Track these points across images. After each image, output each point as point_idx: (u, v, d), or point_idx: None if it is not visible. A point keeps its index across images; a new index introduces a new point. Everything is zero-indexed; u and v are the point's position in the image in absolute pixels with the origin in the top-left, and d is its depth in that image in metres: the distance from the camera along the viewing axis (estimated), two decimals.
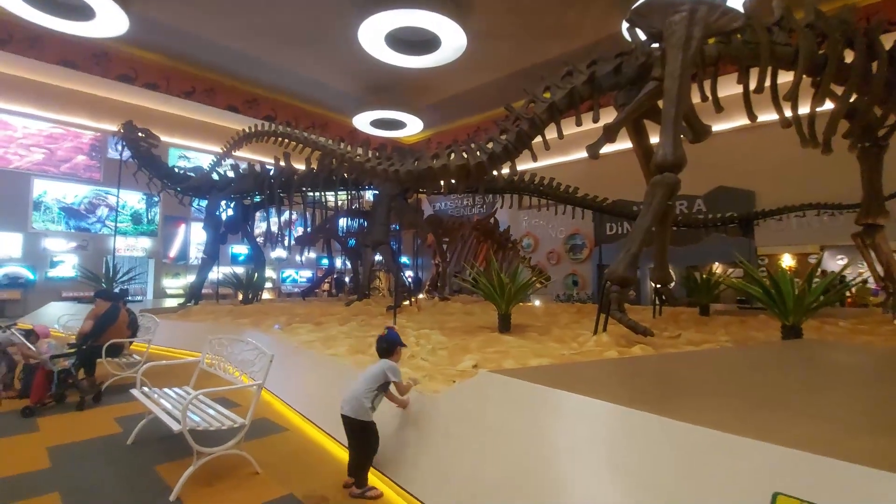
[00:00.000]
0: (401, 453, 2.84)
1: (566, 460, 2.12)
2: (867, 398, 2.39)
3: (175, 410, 2.90)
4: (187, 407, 2.73)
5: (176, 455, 3.23)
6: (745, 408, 2.14)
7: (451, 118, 19.00)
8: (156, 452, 3.38)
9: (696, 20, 5.23)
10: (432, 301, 12.05)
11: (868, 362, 3.43)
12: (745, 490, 1.55)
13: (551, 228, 18.06)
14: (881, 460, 1.41)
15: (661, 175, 4.96)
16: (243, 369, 3.38)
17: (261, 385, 3.01)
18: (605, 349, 4.48)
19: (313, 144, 7.18)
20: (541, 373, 3.03)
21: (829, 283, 4.65)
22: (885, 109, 6.16)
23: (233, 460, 3.03)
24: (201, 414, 2.97)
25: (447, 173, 6.02)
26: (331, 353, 4.45)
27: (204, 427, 2.79)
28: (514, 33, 12.94)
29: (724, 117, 6.07)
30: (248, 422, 2.89)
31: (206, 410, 3.05)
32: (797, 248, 12.66)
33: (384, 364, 2.91)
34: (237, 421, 2.89)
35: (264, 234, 11.74)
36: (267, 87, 17.23)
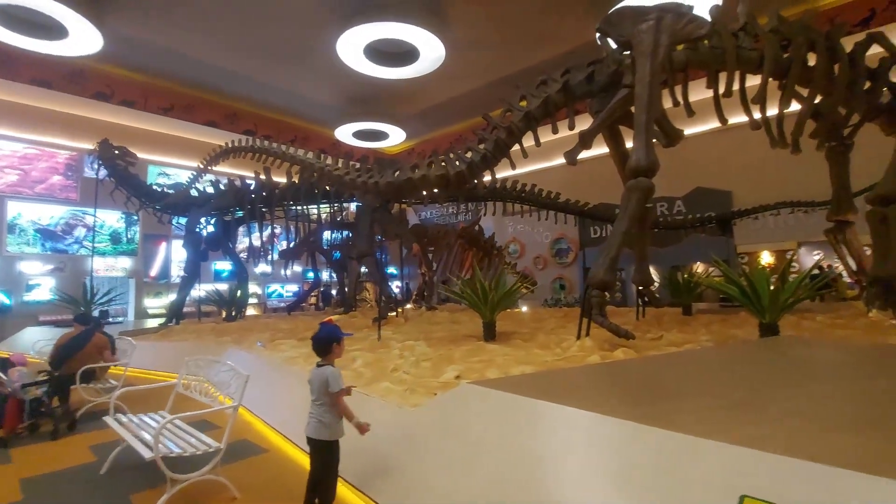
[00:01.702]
0: (379, 469, 2.80)
1: (547, 469, 2.11)
2: (837, 395, 2.43)
3: (148, 437, 2.83)
4: (159, 433, 2.67)
5: (151, 483, 3.14)
6: (718, 409, 2.17)
7: (433, 127, 19.10)
8: (131, 481, 3.29)
9: (663, 28, 5.36)
10: (419, 311, 12.01)
11: (841, 358, 3.50)
12: (714, 493, 1.56)
13: (537, 234, 18.19)
14: (845, 459, 1.43)
15: (636, 180, 5.04)
16: (221, 390, 3.32)
17: (236, 407, 2.95)
18: (588, 354, 4.51)
19: (291, 159, 7.15)
20: (522, 382, 3.04)
21: (801, 279, 4.75)
22: (848, 109, 6.36)
23: (210, 486, 2.96)
24: (175, 439, 2.91)
25: (427, 184, 6.04)
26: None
27: (178, 453, 2.73)
28: (491, 43, 13.10)
29: (699, 121, 6.19)
30: (224, 445, 2.83)
31: (180, 435, 2.99)
32: (775, 245, 12.94)
33: (320, 373, 2.65)
34: (212, 445, 2.83)
35: (247, 250, 11.61)
36: (247, 101, 17.16)
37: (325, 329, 2.76)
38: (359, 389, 3.44)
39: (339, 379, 2.65)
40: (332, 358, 2.76)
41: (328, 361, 2.74)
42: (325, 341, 2.73)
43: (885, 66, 6.29)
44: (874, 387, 2.63)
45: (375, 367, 4.25)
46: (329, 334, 2.74)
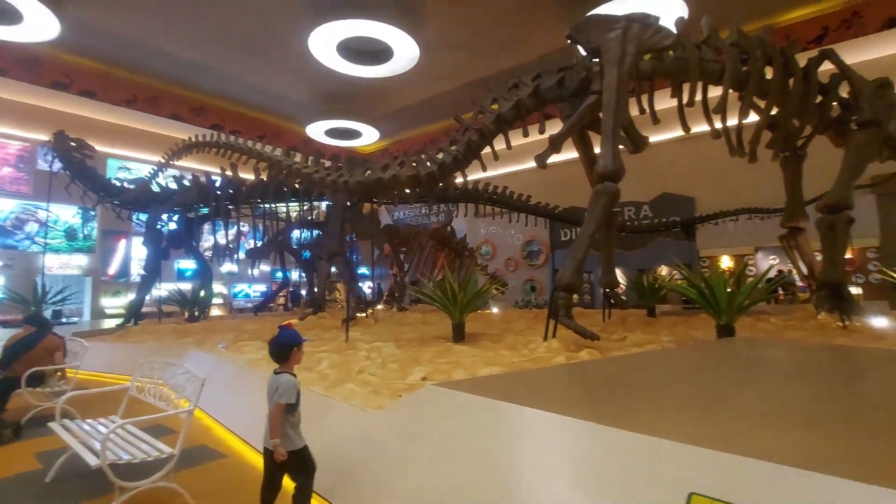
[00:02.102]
0: (340, 473, 2.76)
1: (508, 470, 2.13)
2: (784, 394, 2.55)
3: (95, 443, 2.70)
4: (107, 438, 2.55)
5: (100, 491, 2.99)
6: (674, 408, 2.24)
7: (407, 127, 19.04)
8: (78, 489, 3.13)
9: (629, 37, 5.50)
10: (390, 312, 11.93)
11: (790, 358, 3.67)
12: (665, 491, 1.60)
13: (508, 236, 18.37)
14: (789, 456, 1.49)
15: (603, 184, 5.15)
16: (178, 394, 3.20)
17: (191, 411, 2.85)
18: (555, 355, 4.58)
19: (258, 156, 6.98)
20: (486, 383, 3.05)
21: (754, 285, 4.96)
22: (802, 121, 6.69)
23: (162, 493, 2.85)
24: (125, 445, 2.78)
25: (398, 184, 6.01)
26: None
27: (126, 460, 2.61)
28: (465, 45, 13.16)
29: (666, 128, 6.40)
30: (178, 451, 2.72)
31: (131, 441, 2.86)
32: (734, 249, 13.49)
33: (276, 381, 2.46)
34: (165, 451, 2.72)
35: (212, 248, 11.25)
36: (214, 94, 16.67)
37: (283, 333, 2.57)
38: (322, 392, 3.38)
39: (290, 391, 2.43)
40: (290, 365, 2.57)
41: (286, 369, 2.56)
42: (283, 346, 2.55)
43: (835, 81, 6.65)
44: (819, 386, 2.77)
45: (341, 369, 4.19)
46: (288, 339, 2.56)
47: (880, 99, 6.43)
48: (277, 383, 2.45)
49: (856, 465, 1.42)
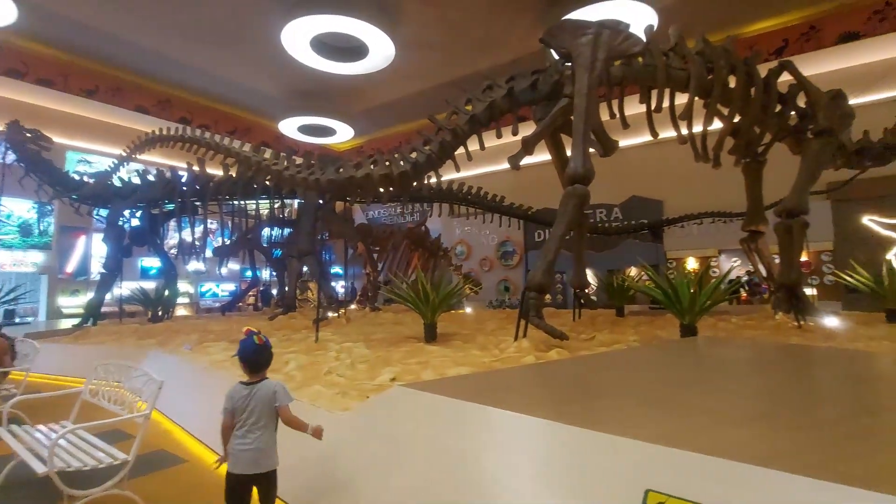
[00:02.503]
0: (305, 475, 2.71)
1: (472, 469, 2.13)
2: (740, 391, 2.64)
3: (43, 449, 2.57)
4: (55, 444, 2.42)
5: (50, 499, 2.84)
6: (635, 406, 2.29)
7: (382, 126, 18.90)
8: (25, 498, 2.97)
9: (600, 43, 5.61)
10: (363, 312, 11.82)
11: (747, 356, 3.82)
12: (623, 487, 1.63)
13: (483, 236, 18.47)
14: (741, 452, 1.54)
15: (573, 186, 5.24)
16: (136, 397, 3.07)
17: (147, 415, 2.74)
18: (524, 355, 4.62)
19: (226, 151, 6.79)
20: (454, 383, 3.05)
21: (715, 286, 5.14)
22: (762, 129, 6.97)
23: (115, 501, 2.73)
24: (76, 452, 2.65)
25: (371, 182, 5.95)
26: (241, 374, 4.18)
27: (76, 467, 2.49)
28: (442, 45, 13.16)
29: (636, 133, 6.54)
30: (133, 457, 2.61)
31: (82, 447, 2.73)
32: (699, 251, 13.95)
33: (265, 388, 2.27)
34: (119, 457, 2.61)
35: (177, 246, 10.89)
36: (182, 87, 16.13)
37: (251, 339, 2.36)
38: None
39: (287, 388, 2.32)
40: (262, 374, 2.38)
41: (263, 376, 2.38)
42: (266, 352, 2.36)
43: (793, 92, 6.95)
44: (773, 383, 2.89)
45: (309, 370, 4.11)
46: (268, 344, 2.39)
47: (834, 109, 6.77)
48: (272, 388, 2.30)
49: (802, 460, 1.48)
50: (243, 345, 2.35)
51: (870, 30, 11.93)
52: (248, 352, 2.34)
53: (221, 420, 2.29)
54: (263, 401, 2.28)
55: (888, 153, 7.32)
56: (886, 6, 11.72)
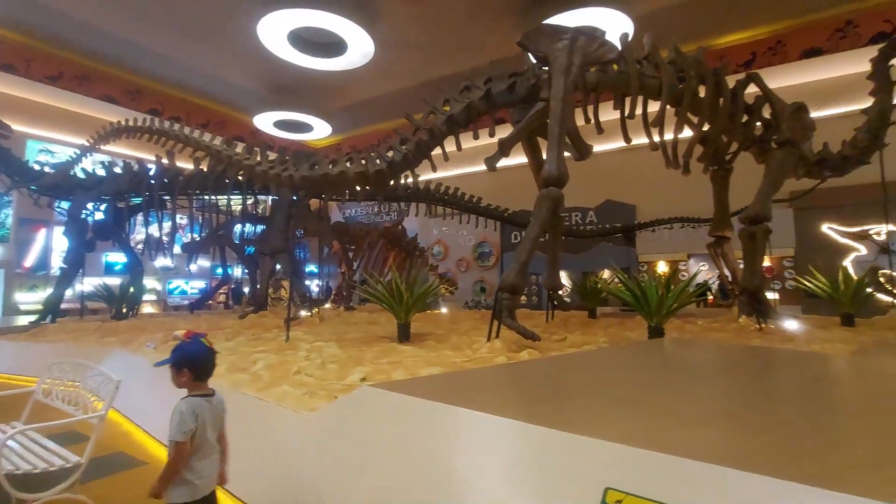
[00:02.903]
0: (270, 477, 2.66)
1: (439, 469, 2.12)
2: (703, 391, 2.72)
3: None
4: (3, 445, 2.30)
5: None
6: (601, 405, 2.32)
7: (361, 124, 18.72)
8: None
9: (576, 49, 5.70)
10: (337, 311, 11.67)
11: (710, 357, 3.94)
12: (584, 486, 1.65)
13: (461, 237, 18.52)
14: (700, 451, 1.58)
15: (547, 189, 5.30)
16: (94, 397, 2.95)
17: (103, 416, 2.64)
18: (496, 355, 4.64)
19: (196, 144, 6.60)
20: (424, 383, 3.04)
21: (681, 289, 5.29)
22: (729, 138, 7.20)
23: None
24: (24, 454, 2.53)
25: (346, 180, 5.88)
26: None
27: (26, 469, 2.37)
28: (422, 44, 13.13)
29: (611, 139, 6.67)
30: (86, 459, 2.51)
31: (33, 449, 2.60)
32: (670, 255, 14.33)
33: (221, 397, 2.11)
34: (71, 459, 2.50)
35: (145, 241, 10.54)
36: (153, 77, 15.60)
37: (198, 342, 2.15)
38: (253, 394, 3.24)
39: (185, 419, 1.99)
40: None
41: None
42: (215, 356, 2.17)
43: (759, 103, 7.21)
44: (734, 383, 2.98)
45: (277, 370, 4.03)
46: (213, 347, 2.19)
47: (797, 121, 7.04)
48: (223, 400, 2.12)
49: (758, 458, 1.53)
50: (192, 349, 2.09)
51: (832, 46, 12.49)
52: (201, 357, 2.11)
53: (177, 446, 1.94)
54: (221, 415, 2.13)
55: (846, 164, 7.67)
56: (847, 24, 12.29)
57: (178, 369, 2.07)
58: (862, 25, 12.19)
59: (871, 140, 7.70)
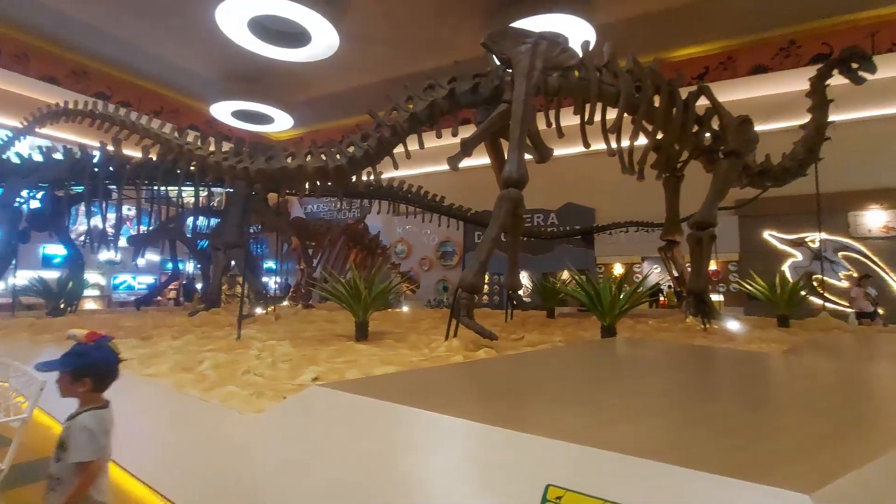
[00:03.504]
0: (211, 482, 2.55)
1: (385, 469, 2.10)
2: (645, 388, 2.82)
3: None
4: None
5: None
6: (549, 403, 2.37)
7: (324, 118, 18.32)
8: None
9: (538, 53, 5.80)
10: (295, 309, 11.39)
11: (657, 356, 4.10)
12: (526, 483, 1.67)
13: (424, 235, 18.49)
14: (633, 445, 1.64)
15: (507, 190, 5.36)
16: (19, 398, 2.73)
17: (25, 419, 2.45)
18: (454, 354, 4.65)
19: (144, 132, 6.26)
20: (376, 383, 3.01)
21: (633, 291, 5.49)
22: (681, 147, 7.53)
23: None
24: None
25: (304, 175, 5.73)
26: (148, 374, 3.86)
27: None
28: (388, 41, 13.01)
29: (573, 143, 6.82)
30: (7, 465, 2.32)
31: None
32: (625, 258, 14.86)
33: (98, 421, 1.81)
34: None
35: (87, 233, 9.90)
36: (101, 58, 14.67)
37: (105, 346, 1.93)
38: (197, 395, 3.10)
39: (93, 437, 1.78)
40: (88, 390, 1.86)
41: None
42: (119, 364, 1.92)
43: (708, 115, 7.57)
44: (677, 380, 3.11)
45: (225, 370, 3.88)
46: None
47: (742, 133, 7.45)
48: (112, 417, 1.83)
49: (690, 452, 1.59)
50: (100, 356, 1.85)
51: (776, 64, 13.31)
52: (109, 366, 1.86)
53: (88, 467, 1.72)
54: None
55: (785, 175, 8.19)
56: (790, 44, 13.12)
57: (78, 377, 1.80)
58: (804, 46, 13.05)
59: (807, 153, 8.26)
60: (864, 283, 11.05)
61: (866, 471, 1.52)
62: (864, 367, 4.07)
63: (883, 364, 4.41)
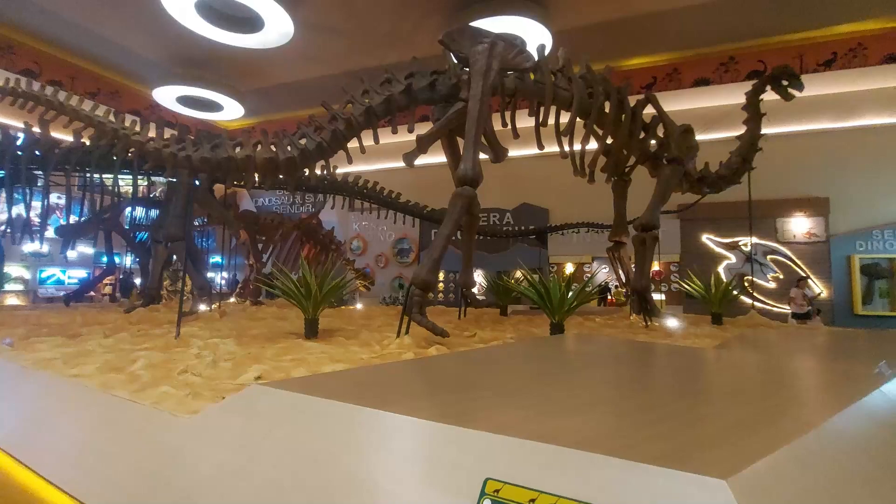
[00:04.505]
0: (136, 487, 2.40)
1: (325, 469, 2.05)
2: (585, 382, 2.91)
3: None
4: None
5: None
6: (492, 397, 2.39)
7: (277, 108, 17.73)
8: None
9: (495, 53, 5.86)
10: (243, 305, 10.95)
11: (600, 351, 4.26)
12: (464, 477, 1.68)
13: (380, 232, 18.31)
14: (567, 436, 1.69)
15: (462, 188, 5.40)
16: None
17: None
18: (405, 351, 4.63)
19: (73, 113, 5.79)
20: (321, 381, 2.93)
21: (581, 289, 5.69)
22: (628, 152, 7.87)
23: None
24: None
25: (251, 166, 5.51)
26: (73, 374, 3.58)
27: None
28: (346, 32, 12.75)
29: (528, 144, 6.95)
30: None
31: None
32: (576, 258, 15.38)
33: None
34: None
35: (7, 222, 9.07)
36: (29, 32, 13.48)
37: None
38: (126, 396, 2.91)
39: None
40: None
41: None
42: None
43: (654, 123, 7.96)
44: (615, 374, 3.24)
45: (160, 370, 3.66)
46: None
47: (684, 141, 7.88)
48: None
49: (618, 441, 1.66)
50: None
51: (717, 78, 14.18)
52: None
53: None
54: None
55: (721, 182, 8.75)
56: (730, 60, 14.02)
57: None
58: (741, 62, 13.99)
59: (741, 163, 8.86)
60: (802, 284, 11.96)
61: (779, 455, 1.64)
62: (785, 360, 4.41)
63: (801, 357, 4.81)
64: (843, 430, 2.08)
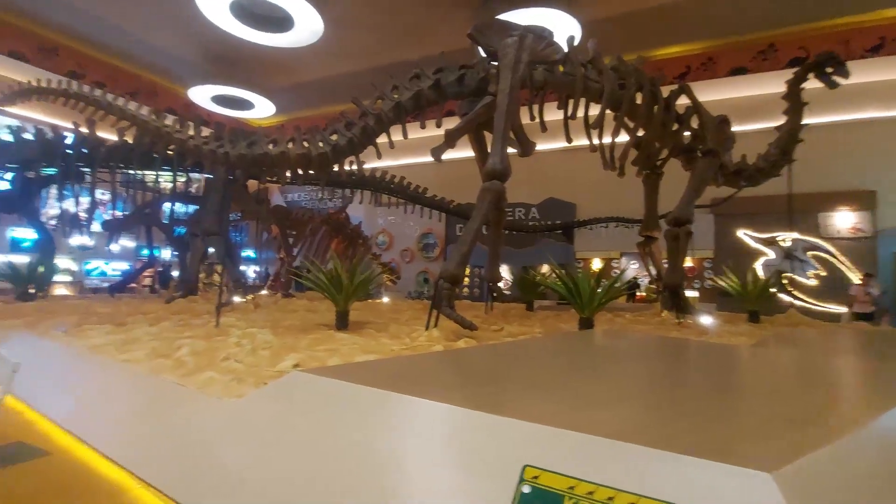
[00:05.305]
0: (190, 467, 2.55)
1: (365, 454, 2.13)
2: (619, 377, 2.91)
3: None
4: None
5: None
6: (526, 389, 2.43)
7: (307, 105, 18.06)
8: None
9: (524, 46, 5.82)
10: (275, 298, 11.27)
11: (632, 347, 4.22)
12: (504, 464, 1.73)
13: (406, 227, 18.46)
14: (605, 428, 1.71)
15: (490, 182, 5.40)
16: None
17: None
18: (434, 343, 4.70)
19: (120, 113, 6.08)
20: (357, 370, 3.03)
21: (611, 284, 5.63)
22: (661, 144, 7.68)
23: None
24: None
25: (286, 161, 5.67)
26: (124, 359, 3.80)
27: None
28: (374, 28, 12.87)
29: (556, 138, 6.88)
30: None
31: None
32: (604, 253, 15.13)
33: None
34: None
35: (59, 217, 9.60)
36: (73, 36, 14.15)
37: None
38: (175, 380, 3.08)
39: None
40: None
41: None
42: None
43: (688, 113, 7.73)
44: (649, 369, 3.22)
45: (204, 356, 3.84)
46: None
47: (720, 133, 7.64)
48: None
49: (656, 433, 1.67)
50: None
51: (755, 66, 13.64)
52: None
53: None
54: None
55: (759, 176, 8.44)
56: (769, 48, 13.46)
57: None
58: (781, 50, 13.40)
59: (781, 155, 8.52)
60: (866, 280, 10.72)
61: (824, 452, 1.62)
62: (826, 358, 4.27)
63: (843, 357, 4.63)
64: (890, 430, 2.02)
